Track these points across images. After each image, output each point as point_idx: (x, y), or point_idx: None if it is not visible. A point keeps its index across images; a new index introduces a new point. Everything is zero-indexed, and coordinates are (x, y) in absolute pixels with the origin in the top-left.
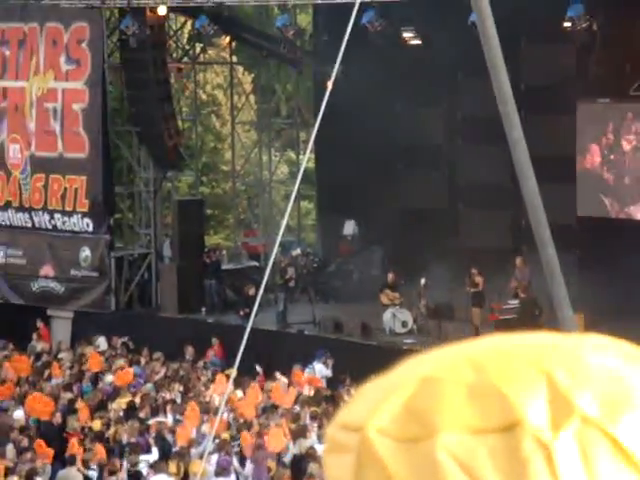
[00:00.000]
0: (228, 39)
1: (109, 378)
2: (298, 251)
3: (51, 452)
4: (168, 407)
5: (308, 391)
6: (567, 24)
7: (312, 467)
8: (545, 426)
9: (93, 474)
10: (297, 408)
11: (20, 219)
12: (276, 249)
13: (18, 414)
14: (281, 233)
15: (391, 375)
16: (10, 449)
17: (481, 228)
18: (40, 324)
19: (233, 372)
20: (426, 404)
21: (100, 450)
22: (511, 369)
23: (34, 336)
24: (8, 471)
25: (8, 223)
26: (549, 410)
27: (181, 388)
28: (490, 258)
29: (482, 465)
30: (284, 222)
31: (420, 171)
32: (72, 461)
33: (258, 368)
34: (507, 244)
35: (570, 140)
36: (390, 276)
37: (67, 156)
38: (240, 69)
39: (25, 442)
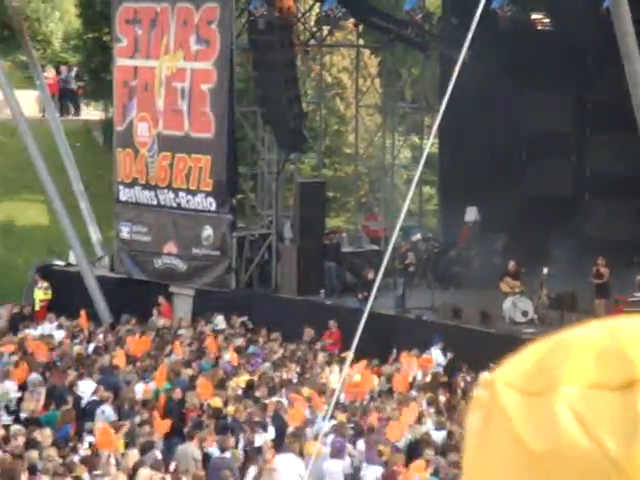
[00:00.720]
0: (355, 22)
1: (228, 356)
2: (418, 236)
3: (167, 426)
4: (284, 387)
5: (423, 377)
6: None
7: (427, 453)
8: None
9: (211, 450)
10: (414, 393)
11: (146, 196)
12: (396, 233)
13: (139, 387)
14: (402, 217)
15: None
16: (137, 421)
17: (608, 218)
18: (162, 300)
19: (350, 355)
20: (554, 361)
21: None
22: None
23: (155, 312)
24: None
25: (134, 200)
26: None
27: (298, 369)
28: (615, 249)
29: (597, 418)
30: (405, 206)
31: (546, 159)
32: (191, 436)
33: (394, 351)
34: (635, 235)
35: None
36: (511, 264)
37: (193, 135)
38: (366, 52)
39: (145, 415)
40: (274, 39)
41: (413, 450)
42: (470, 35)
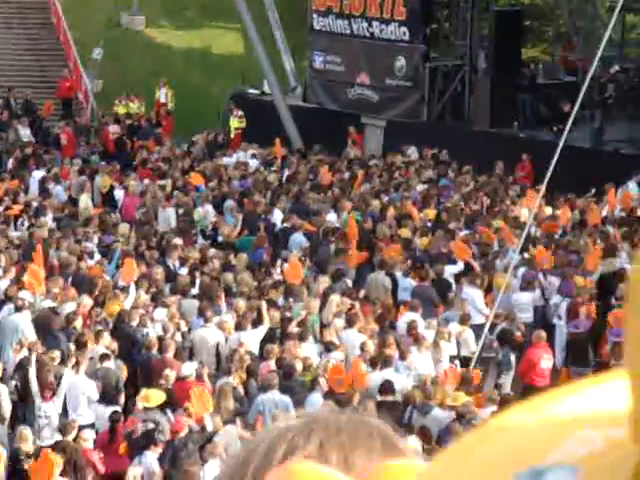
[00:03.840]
0: None
1: (419, 187)
2: (616, 67)
3: (362, 256)
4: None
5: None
6: None
7: (621, 287)
8: None
9: (399, 276)
10: (608, 227)
11: (339, 25)
12: (595, 64)
13: (331, 217)
14: (602, 47)
15: None
16: (332, 249)
17: None
18: (352, 130)
19: (542, 188)
20: None
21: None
22: None
23: (349, 142)
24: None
25: (328, 29)
26: None
27: (488, 201)
28: None
29: None
30: (606, 35)
31: None
32: (382, 266)
33: (592, 191)
34: None
35: None
36: None
37: None
38: None
39: (339, 244)
40: None
41: (606, 283)
42: None
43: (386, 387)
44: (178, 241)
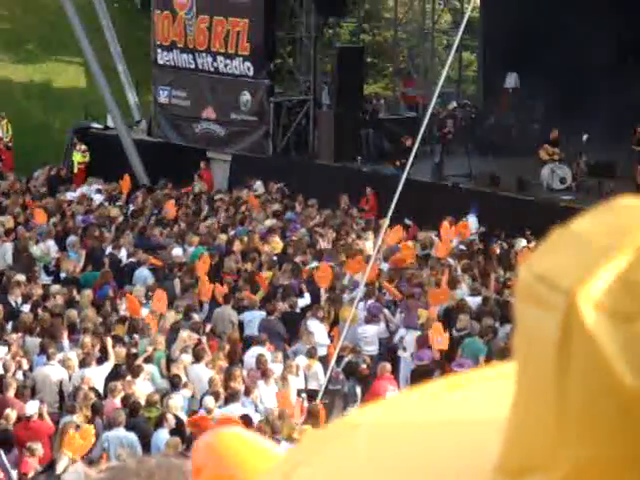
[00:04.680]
0: None
1: (268, 222)
2: (454, 104)
3: (211, 290)
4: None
5: (459, 244)
6: None
7: (462, 319)
8: None
9: (247, 314)
10: (449, 260)
11: (184, 60)
12: (434, 100)
13: (177, 252)
14: (440, 84)
15: (594, 230)
16: (177, 284)
17: None
18: (203, 165)
19: (386, 221)
20: None
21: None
22: None
23: (195, 177)
24: (170, 306)
25: (172, 64)
26: None
27: (334, 235)
28: None
29: None
30: (444, 73)
31: (590, 23)
32: (228, 300)
33: (407, 222)
34: None
35: None
36: (554, 132)
37: None
38: None
39: (187, 279)
40: None
41: (448, 316)
42: None
43: (244, 421)
44: (20, 278)
